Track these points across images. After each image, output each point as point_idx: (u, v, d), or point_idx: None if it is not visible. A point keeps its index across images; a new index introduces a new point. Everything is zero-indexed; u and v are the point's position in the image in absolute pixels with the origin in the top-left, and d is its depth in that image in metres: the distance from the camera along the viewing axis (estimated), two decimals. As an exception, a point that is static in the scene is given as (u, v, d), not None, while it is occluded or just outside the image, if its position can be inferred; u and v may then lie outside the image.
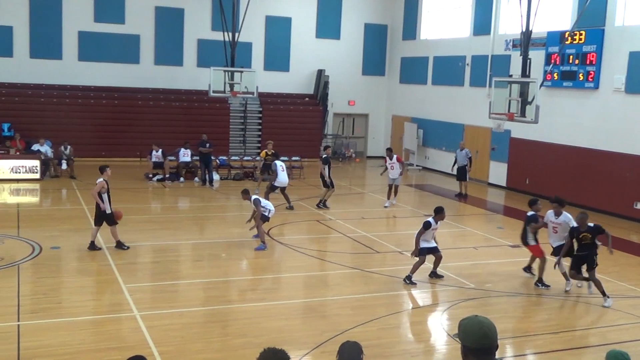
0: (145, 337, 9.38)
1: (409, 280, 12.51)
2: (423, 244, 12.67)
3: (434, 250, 12.82)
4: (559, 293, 12.24)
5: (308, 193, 21.93)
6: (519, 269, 13.72)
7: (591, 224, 11.92)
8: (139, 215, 14.75)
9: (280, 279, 12.96)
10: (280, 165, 19.21)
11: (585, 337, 10.32)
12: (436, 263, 12.97)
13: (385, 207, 19.96)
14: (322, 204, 19.53)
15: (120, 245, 13.99)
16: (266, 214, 14.88)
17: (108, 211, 13.83)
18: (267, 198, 17.15)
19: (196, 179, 23.57)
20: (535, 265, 13.14)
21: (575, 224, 12.19)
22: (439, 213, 12.70)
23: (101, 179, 13.81)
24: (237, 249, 14.66)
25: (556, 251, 12.49)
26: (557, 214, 12.70)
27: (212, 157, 23.40)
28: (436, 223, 12.75)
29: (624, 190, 19.81)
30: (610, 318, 11.03)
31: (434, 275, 13.01)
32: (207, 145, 22.99)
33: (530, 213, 13.07)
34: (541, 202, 13.79)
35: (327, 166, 19.46)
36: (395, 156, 20.23)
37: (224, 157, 25.86)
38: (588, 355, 9.69)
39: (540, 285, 12.61)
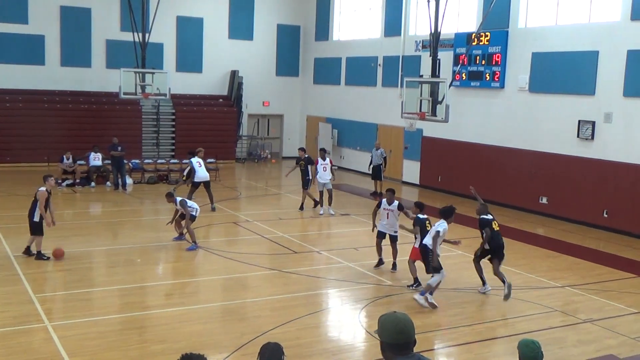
0: (58, 348, 9.09)
1: (393, 268, 13.36)
2: (380, 227, 13.47)
3: (391, 239, 13.44)
4: (470, 287, 12.65)
5: (224, 195, 21.76)
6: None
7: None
8: (48, 223, 14.34)
9: (198, 282, 12.83)
10: (196, 161, 19.14)
11: (496, 329, 10.72)
12: (393, 254, 13.55)
13: (321, 214, 19.08)
14: (316, 206, 19.54)
15: (40, 255, 13.52)
16: (194, 213, 14.87)
17: (36, 219, 13.41)
18: (190, 198, 17.37)
19: (108, 183, 23.00)
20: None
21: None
22: (386, 192, 13.51)
23: (43, 189, 13.47)
24: (152, 254, 14.41)
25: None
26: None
27: (125, 161, 22.92)
28: (389, 204, 13.28)
29: (530, 186, 20.66)
30: (519, 309, 11.49)
31: (393, 266, 13.55)
32: (119, 148, 22.49)
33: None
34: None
35: (311, 166, 19.62)
36: (328, 158, 19.63)
37: (137, 161, 25.32)
38: (500, 346, 10.07)
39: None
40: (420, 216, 12.56)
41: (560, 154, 19.75)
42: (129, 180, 23.13)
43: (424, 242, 11.80)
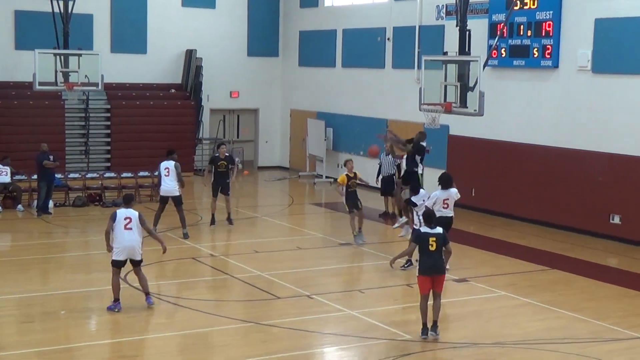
0: None
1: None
2: None
3: None
4: (519, 340, 12.61)
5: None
6: (471, 310, 14.07)
7: None
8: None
9: (145, 341, 12.75)
10: (164, 167, 19.38)
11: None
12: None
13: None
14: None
15: None
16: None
17: None
18: (157, 220, 19.00)
19: (19, 207, 22.92)
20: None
21: None
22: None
23: None
24: (81, 303, 14.31)
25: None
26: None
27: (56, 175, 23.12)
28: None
29: (596, 200, 20.63)
30: (588, 369, 11.44)
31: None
32: (51, 157, 22.44)
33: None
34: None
35: (232, 166, 20.81)
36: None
37: (59, 175, 25.14)
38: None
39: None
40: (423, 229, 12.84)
41: (636, 155, 19.78)
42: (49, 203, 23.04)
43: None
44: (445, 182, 16.58)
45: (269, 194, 24.71)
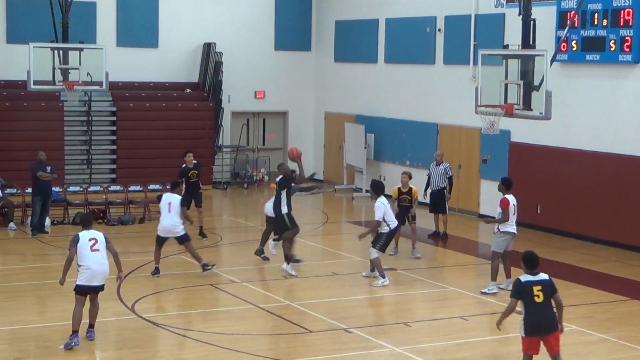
0: None
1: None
2: None
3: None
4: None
5: (194, 241, 21.74)
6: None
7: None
8: None
9: (156, 382, 12.82)
10: (167, 199, 18.60)
11: None
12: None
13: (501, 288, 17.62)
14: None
15: None
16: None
17: None
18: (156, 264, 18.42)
19: (11, 224, 23.09)
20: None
21: None
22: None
23: None
24: (82, 336, 14.40)
25: None
26: None
27: (54, 189, 23.24)
28: None
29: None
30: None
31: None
32: (48, 169, 22.59)
33: None
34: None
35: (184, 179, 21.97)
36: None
37: (57, 188, 25.37)
38: None
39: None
40: None
41: None
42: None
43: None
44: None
45: (300, 211, 24.57)
